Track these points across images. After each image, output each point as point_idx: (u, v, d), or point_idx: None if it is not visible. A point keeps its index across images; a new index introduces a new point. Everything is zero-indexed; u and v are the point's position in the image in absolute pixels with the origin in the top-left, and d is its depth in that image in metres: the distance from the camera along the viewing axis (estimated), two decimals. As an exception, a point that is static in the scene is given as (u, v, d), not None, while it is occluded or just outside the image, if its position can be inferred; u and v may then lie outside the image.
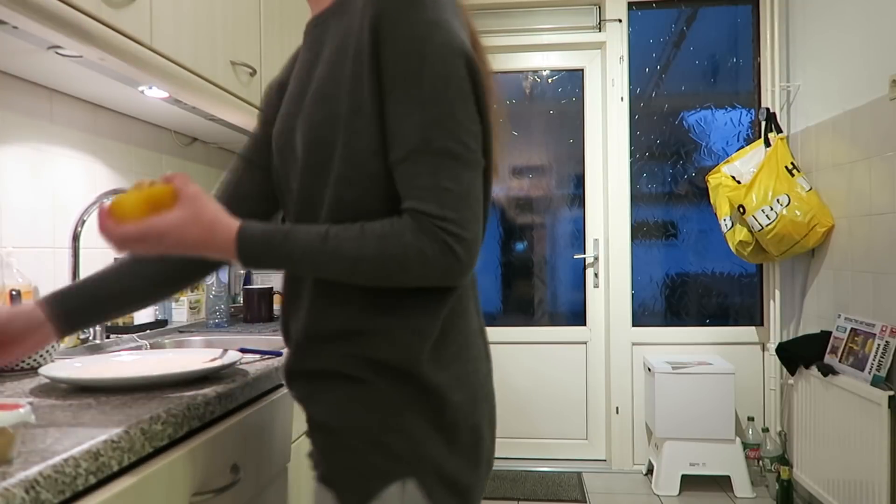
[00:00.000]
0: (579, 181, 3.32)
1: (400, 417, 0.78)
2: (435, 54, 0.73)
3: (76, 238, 1.49)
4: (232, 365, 1.06)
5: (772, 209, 2.58)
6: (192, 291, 1.91)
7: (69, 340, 1.42)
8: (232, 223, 0.78)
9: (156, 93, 1.55)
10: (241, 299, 2.22)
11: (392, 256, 0.73)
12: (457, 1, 0.81)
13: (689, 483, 2.89)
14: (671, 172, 3.23)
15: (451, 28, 0.75)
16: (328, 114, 0.79)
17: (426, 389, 0.79)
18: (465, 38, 0.78)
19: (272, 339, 1.65)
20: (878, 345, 2.14)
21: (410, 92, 0.74)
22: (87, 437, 0.69)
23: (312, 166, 0.81)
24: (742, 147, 2.97)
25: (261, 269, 0.79)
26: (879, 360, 2.13)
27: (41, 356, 1.10)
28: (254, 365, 1.16)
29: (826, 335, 2.49)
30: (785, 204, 2.57)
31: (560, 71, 3.33)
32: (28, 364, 1.08)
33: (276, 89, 0.97)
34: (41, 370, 0.97)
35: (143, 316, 1.67)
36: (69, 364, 1.05)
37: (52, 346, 1.14)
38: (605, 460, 3.28)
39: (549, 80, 3.34)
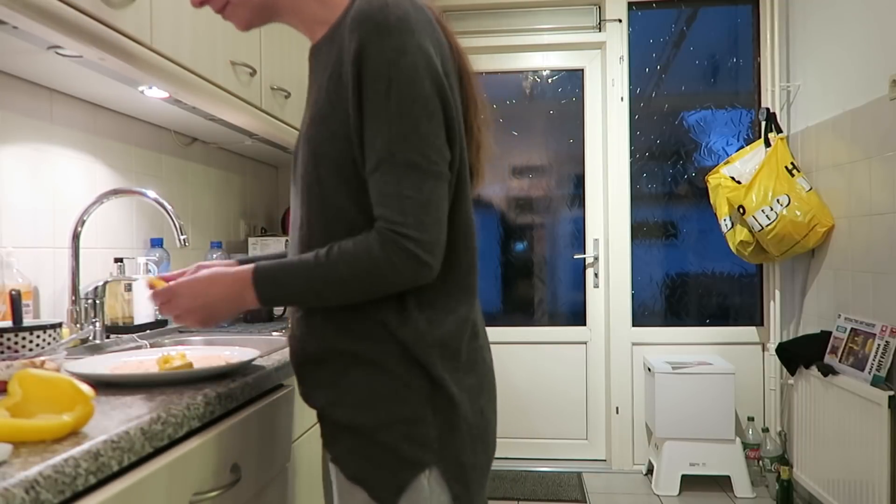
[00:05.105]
0: (579, 181, 3.32)
1: (424, 409, 0.86)
2: (401, 76, 0.82)
3: (76, 238, 1.48)
4: (251, 361, 1.10)
5: (772, 209, 2.58)
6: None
7: (69, 340, 1.42)
8: (245, 269, 0.89)
9: (156, 93, 1.55)
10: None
11: (367, 272, 0.83)
12: (438, 21, 0.90)
13: (689, 483, 2.89)
14: (671, 172, 3.23)
15: (418, 52, 0.83)
16: (327, 134, 0.87)
17: (442, 381, 0.87)
18: (438, 59, 0.86)
19: (272, 339, 1.66)
20: (878, 345, 2.14)
21: (379, 112, 0.82)
22: (87, 437, 0.69)
23: (314, 181, 0.89)
24: (742, 147, 2.97)
25: (277, 304, 0.91)
26: (879, 360, 2.13)
27: (43, 349, 1.10)
28: (254, 364, 1.16)
29: (826, 335, 2.49)
30: (785, 204, 2.57)
31: (560, 71, 3.33)
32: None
33: None
34: (68, 366, 1.01)
35: (143, 316, 1.67)
36: (98, 360, 1.09)
37: (60, 346, 1.14)
38: (605, 460, 3.28)
39: (549, 80, 3.34)
